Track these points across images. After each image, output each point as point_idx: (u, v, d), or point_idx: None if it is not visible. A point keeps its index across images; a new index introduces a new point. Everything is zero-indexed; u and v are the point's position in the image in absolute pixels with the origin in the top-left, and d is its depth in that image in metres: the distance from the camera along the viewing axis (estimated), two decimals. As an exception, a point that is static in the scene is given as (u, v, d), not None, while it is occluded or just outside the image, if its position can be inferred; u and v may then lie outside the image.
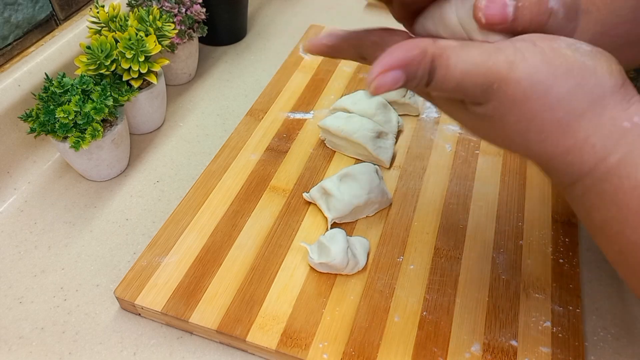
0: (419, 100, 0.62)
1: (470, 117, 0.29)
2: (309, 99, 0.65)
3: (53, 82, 0.52)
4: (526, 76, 0.25)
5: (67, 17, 0.66)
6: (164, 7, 0.63)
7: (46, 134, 0.51)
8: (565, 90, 0.25)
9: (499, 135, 0.28)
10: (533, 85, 0.25)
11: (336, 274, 0.46)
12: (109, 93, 0.53)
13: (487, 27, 0.27)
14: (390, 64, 0.25)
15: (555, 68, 0.25)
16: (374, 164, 0.52)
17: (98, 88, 0.53)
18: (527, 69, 0.25)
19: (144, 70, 0.55)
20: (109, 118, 0.54)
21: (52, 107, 0.51)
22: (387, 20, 0.84)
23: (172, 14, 0.63)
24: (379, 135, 0.55)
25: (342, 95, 0.65)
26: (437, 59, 0.26)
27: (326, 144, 0.59)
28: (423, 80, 0.26)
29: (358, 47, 0.31)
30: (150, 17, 0.58)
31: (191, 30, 0.67)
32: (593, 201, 0.27)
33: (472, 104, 0.28)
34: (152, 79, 0.58)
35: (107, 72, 0.55)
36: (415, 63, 0.25)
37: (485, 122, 0.28)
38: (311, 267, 0.46)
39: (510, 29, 0.27)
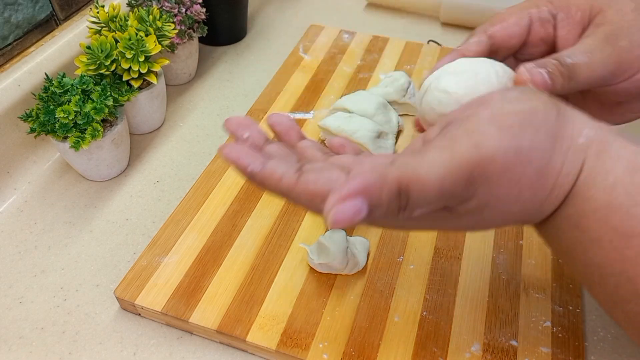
0: (419, 100, 0.62)
1: (460, 219, 0.28)
2: (309, 99, 0.65)
3: (53, 82, 0.52)
4: (495, 150, 0.25)
5: (67, 17, 0.66)
6: (164, 7, 0.63)
7: (46, 134, 0.51)
8: (530, 141, 0.26)
9: (496, 215, 0.28)
10: (506, 153, 0.26)
11: (336, 274, 0.46)
12: (109, 93, 0.53)
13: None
14: (347, 193, 0.23)
15: (511, 129, 0.26)
16: (374, 164, 0.52)
17: (98, 88, 0.53)
18: (492, 142, 0.25)
19: (144, 70, 0.55)
20: (109, 118, 0.54)
21: (52, 107, 0.51)
22: (386, 20, 0.84)
23: (172, 14, 0.63)
24: (379, 135, 0.55)
25: (342, 95, 0.65)
26: (404, 179, 0.24)
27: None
28: (393, 205, 0.25)
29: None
30: (150, 17, 0.58)
31: (191, 30, 0.67)
32: (560, 228, 0.28)
33: (459, 205, 0.27)
34: (152, 79, 0.58)
35: (107, 72, 0.55)
36: (376, 187, 0.24)
37: (478, 214, 0.27)
38: (311, 267, 0.46)
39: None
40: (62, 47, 0.62)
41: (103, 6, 0.59)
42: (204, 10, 0.68)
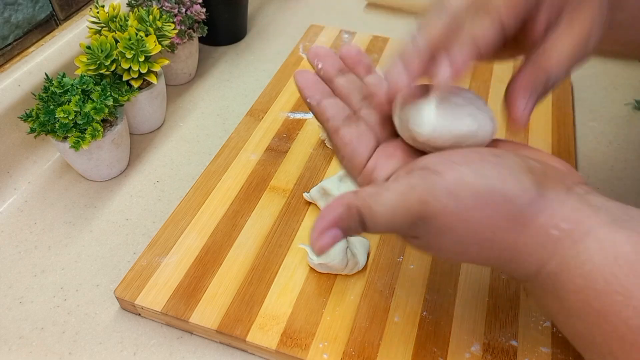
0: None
1: (416, 246, 0.31)
2: (309, 99, 0.65)
3: (53, 82, 0.52)
4: (440, 212, 0.27)
5: (67, 17, 0.66)
6: (164, 7, 0.63)
7: (46, 134, 0.51)
8: (481, 217, 0.27)
9: (443, 256, 0.30)
10: (449, 217, 0.27)
11: (336, 274, 0.46)
12: (109, 93, 0.53)
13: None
14: (324, 226, 0.27)
15: (463, 200, 0.27)
16: (374, 164, 0.52)
17: (98, 88, 0.53)
18: (439, 206, 0.27)
19: (144, 70, 0.55)
20: (109, 118, 0.54)
21: (52, 107, 0.51)
22: (386, 20, 0.84)
23: (172, 14, 0.63)
24: (379, 135, 0.55)
25: (342, 95, 0.65)
26: (362, 209, 0.28)
27: (326, 144, 0.59)
28: (359, 229, 0.29)
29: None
30: (150, 17, 0.58)
31: (191, 30, 0.67)
32: (540, 296, 0.29)
33: (408, 238, 0.30)
34: (152, 79, 0.58)
35: (107, 72, 0.55)
36: (344, 218, 0.28)
37: (428, 249, 0.30)
38: (311, 267, 0.46)
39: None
40: (62, 47, 0.62)
41: (103, 6, 0.59)
42: (204, 10, 0.68)
